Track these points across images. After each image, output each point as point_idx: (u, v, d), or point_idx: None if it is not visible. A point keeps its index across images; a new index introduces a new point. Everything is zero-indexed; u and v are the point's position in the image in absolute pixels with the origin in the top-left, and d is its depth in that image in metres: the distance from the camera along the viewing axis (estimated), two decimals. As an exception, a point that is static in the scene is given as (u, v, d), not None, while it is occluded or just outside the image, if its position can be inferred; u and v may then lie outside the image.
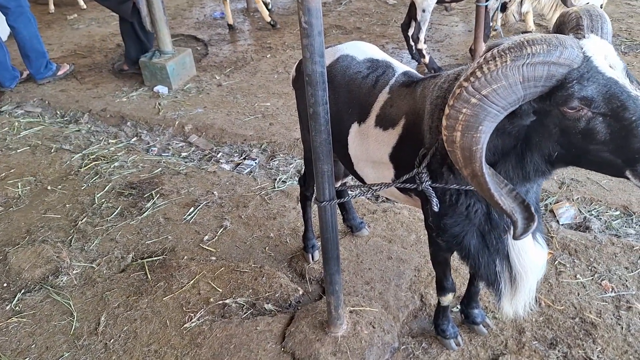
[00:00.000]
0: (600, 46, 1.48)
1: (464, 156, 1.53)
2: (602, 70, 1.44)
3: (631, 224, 3.35)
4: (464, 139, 1.49)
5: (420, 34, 5.37)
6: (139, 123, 5.13)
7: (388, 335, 2.69)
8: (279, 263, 3.28)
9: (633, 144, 1.43)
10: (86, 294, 3.17)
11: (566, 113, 1.48)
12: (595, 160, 1.56)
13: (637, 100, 1.42)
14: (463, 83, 1.46)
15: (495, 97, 1.43)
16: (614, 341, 2.59)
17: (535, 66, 1.40)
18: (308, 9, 1.74)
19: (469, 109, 1.45)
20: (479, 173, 1.53)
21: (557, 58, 1.40)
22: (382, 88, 2.29)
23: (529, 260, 2.01)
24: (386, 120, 2.21)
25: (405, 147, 2.12)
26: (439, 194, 1.96)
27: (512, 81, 1.41)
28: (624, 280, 2.92)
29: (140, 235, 3.60)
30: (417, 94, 2.10)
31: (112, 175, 4.30)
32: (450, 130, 1.51)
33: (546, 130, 1.58)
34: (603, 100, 1.44)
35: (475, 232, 2.04)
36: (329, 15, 7.57)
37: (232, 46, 6.82)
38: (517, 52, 1.40)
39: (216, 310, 2.94)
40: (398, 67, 2.38)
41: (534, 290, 2.11)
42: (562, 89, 1.44)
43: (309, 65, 1.87)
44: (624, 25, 6.33)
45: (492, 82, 1.41)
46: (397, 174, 2.21)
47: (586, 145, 1.52)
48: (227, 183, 4.07)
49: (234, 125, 4.92)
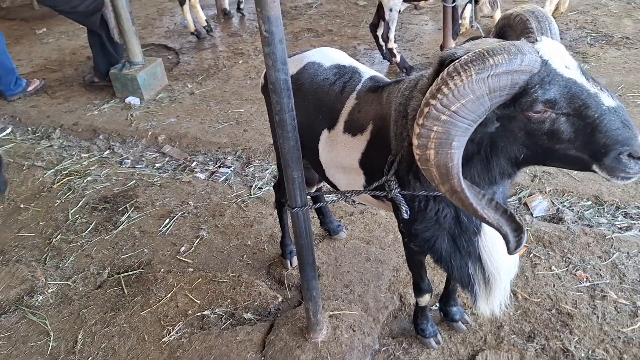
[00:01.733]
0: (554, 48, 1.50)
1: (440, 173, 1.52)
2: (560, 72, 1.47)
3: (603, 213, 3.41)
4: (439, 157, 1.49)
5: (389, 34, 5.40)
6: (112, 135, 5.07)
7: (368, 337, 2.69)
8: (257, 271, 3.26)
9: (599, 139, 1.46)
10: (62, 312, 3.12)
11: (531, 117, 1.50)
12: (562, 159, 1.58)
13: (597, 98, 1.45)
14: (431, 101, 1.44)
15: (465, 112, 1.44)
16: (590, 331, 2.62)
17: (499, 77, 1.41)
18: (268, 17, 1.74)
19: (440, 126, 1.45)
20: (459, 189, 1.53)
21: (519, 66, 1.42)
22: (350, 94, 2.29)
23: (500, 260, 2.03)
24: (354, 126, 2.22)
25: (374, 153, 2.13)
26: (408, 201, 1.97)
27: (480, 94, 1.42)
28: (597, 269, 2.96)
29: (115, 249, 3.56)
30: (383, 99, 2.11)
31: (86, 190, 4.24)
32: (423, 149, 1.50)
33: (511, 135, 1.59)
34: (565, 101, 1.47)
35: (446, 236, 2.05)
36: (300, 18, 7.57)
37: (204, 53, 6.78)
38: (480, 64, 1.40)
39: (195, 323, 2.91)
40: (365, 72, 2.38)
41: (509, 289, 2.14)
42: (525, 95, 1.46)
43: (273, 73, 1.87)
44: (589, 17, 6.43)
45: (460, 98, 1.42)
46: (368, 179, 2.22)
47: (552, 145, 1.54)
48: (203, 192, 4.04)
49: (207, 133, 4.88)
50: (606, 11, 6.55)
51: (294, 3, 8.22)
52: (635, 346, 2.52)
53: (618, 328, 2.62)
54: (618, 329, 2.61)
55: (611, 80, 4.85)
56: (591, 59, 5.32)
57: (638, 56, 5.29)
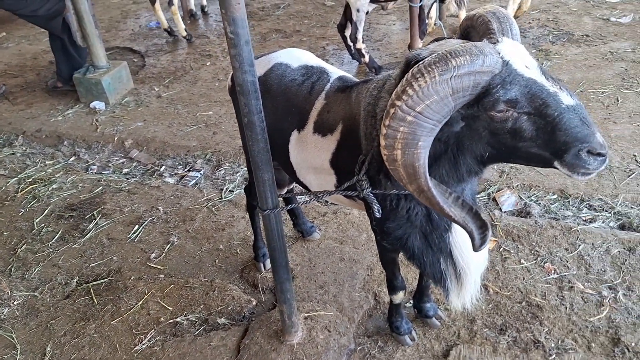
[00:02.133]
0: (515, 48, 1.54)
1: (407, 173, 1.55)
2: (521, 72, 1.50)
3: (568, 206, 3.49)
4: (405, 157, 1.51)
5: (357, 34, 5.42)
6: (77, 141, 4.96)
7: (344, 337, 2.70)
8: (230, 275, 3.23)
9: (559, 137, 1.49)
10: (29, 324, 3.04)
11: (494, 117, 1.53)
12: (525, 156, 1.61)
13: (557, 97, 1.49)
14: (396, 102, 1.46)
15: (430, 112, 1.46)
16: (559, 321, 2.68)
17: (462, 77, 1.44)
18: (233, 19, 1.72)
19: (405, 127, 1.47)
20: (425, 188, 1.55)
21: (480, 67, 1.44)
22: (318, 94, 2.29)
23: (471, 255, 2.06)
24: (324, 127, 2.22)
25: (345, 153, 2.14)
26: (380, 200, 1.98)
27: (443, 95, 1.45)
28: (564, 261, 3.03)
29: (83, 258, 3.48)
30: (352, 99, 2.12)
31: (51, 198, 4.13)
32: (390, 150, 1.52)
33: (476, 134, 1.62)
34: (526, 100, 1.50)
35: (418, 233, 2.08)
36: (267, 19, 7.54)
37: (170, 56, 6.70)
38: (443, 66, 1.42)
39: (167, 330, 2.87)
40: (333, 72, 2.39)
41: (479, 283, 2.18)
42: (488, 95, 1.49)
43: (240, 75, 1.85)
44: (550, 15, 6.58)
45: (425, 99, 1.44)
46: (339, 179, 2.22)
47: (515, 143, 1.57)
48: (172, 197, 3.98)
49: (176, 136, 4.82)
50: (567, 9, 6.72)
51: (261, 4, 8.18)
52: (602, 334, 2.58)
53: (585, 318, 2.68)
54: (585, 318, 2.68)
55: (573, 76, 4.97)
56: (553, 56, 5.45)
57: (598, 53, 5.44)
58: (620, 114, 4.39)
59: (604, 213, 3.39)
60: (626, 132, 4.15)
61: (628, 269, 2.93)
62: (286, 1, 8.23)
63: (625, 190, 3.54)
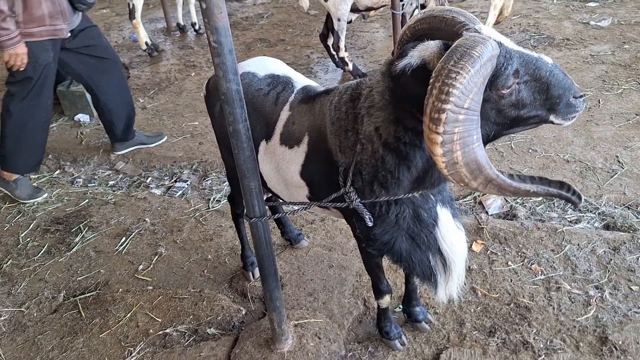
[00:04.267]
0: (492, 31, 1.64)
1: (470, 170, 1.54)
2: (511, 47, 1.62)
3: (553, 207, 3.53)
4: (466, 156, 1.52)
5: (340, 43, 5.45)
6: (62, 155, 4.92)
7: (334, 344, 2.69)
8: (219, 285, 3.22)
9: (553, 92, 1.65)
10: (16, 340, 2.99)
11: (504, 94, 1.62)
12: (525, 122, 1.72)
13: (542, 59, 1.65)
14: (443, 106, 1.45)
15: (474, 105, 1.50)
16: (547, 322, 2.70)
17: (486, 65, 1.50)
18: (216, 28, 1.73)
19: (459, 126, 1.48)
20: (494, 176, 1.57)
21: (492, 51, 1.51)
22: (283, 105, 2.32)
23: (456, 246, 2.13)
24: (290, 138, 2.25)
25: (314, 164, 2.17)
26: (368, 207, 2.00)
27: (480, 85, 1.50)
28: (551, 262, 3.06)
29: (70, 272, 3.44)
30: (316, 110, 2.16)
31: (36, 212, 4.09)
32: (449, 155, 1.51)
33: (484, 116, 1.65)
34: (524, 70, 1.63)
35: (405, 235, 2.10)
36: (251, 29, 7.57)
37: (155, 67, 6.69)
38: (470, 59, 1.45)
39: (157, 342, 2.84)
40: (298, 81, 2.41)
41: (463, 274, 2.22)
42: (499, 75, 1.58)
43: (224, 84, 1.86)
44: (531, 20, 6.69)
45: (469, 93, 1.47)
46: (311, 190, 2.25)
47: (518, 113, 1.68)
48: (159, 208, 3.96)
49: (162, 147, 4.80)
50: (547, 14, 6.83)
51: (245, 14, 8.22)
52: (590, 334, 2.61)
53: (573, 318, 2.71)
54: (573, 318, 2.70)
55: (554, 79, 5.03)
56: (535, 60, 5.51)
57: (578, 56, 5.53)
58: (602, 116, 4.46)
59: (588, 214, 3.44)
60: (608, 134, 4.22)
61: (613, 268, 2.96)
62: (270, 10, 8.28)
63: (608, 191, 3.59)
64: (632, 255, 3.02)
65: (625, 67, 5.21)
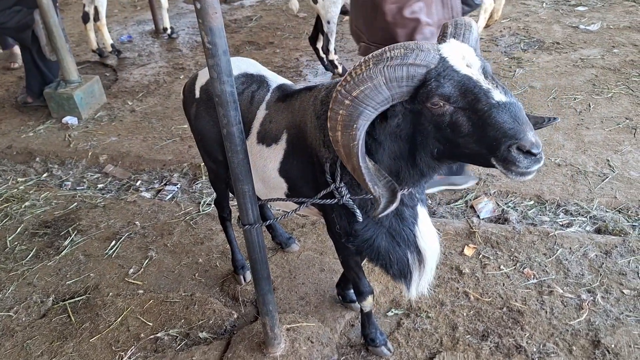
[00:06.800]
0: (458, 48, 1.62)
1: (345, 153, 1.67)
2: (457, 68, 1.58)
3: (545, 211, 3.54)
4: (344, 138, 1.64)
5: (329, 46, 5.45)
6: (49, 158, 4.85)
7: (327, 348, 2.67)
8: (210, 288, 3.19)
9: (488, 132, 1.54)
10: (5, 345, 2.94)
11: (431, 109, 1.61)
12: (467, 153, 1.66)
13: (489, 93, 1.54)
14: (338, 87, 1.62)
15: (364, 98, 1.59)
16: (540, 326, 2.70)
17: (394, 68, 1.56)
18: (210, 29, 1.71)
19: (343, 109, 1.61)
20: (357, 166, 1.66)
21: (414, 60, 1.56)
22: (259, 104, 2.33)
23: (432, 242, 2.15)
24: (268, 137, 2.25)
25: (293, 161, 2.18)
26: (357, 203, 2.00)
27: (377, 82, 1.57)
28: (543, 266, 3.06)
29: (59, 276, 3.39)
30: (295, 108, 2.16)
31: (24, 215, 4.03)
32: (333, 131, 1.67)
33: (424, 129, 1.69)
34: (459, 95, 1.57)
35: (385, 233, 2.11)
36: (240, 32, 7.54)
37: (143, 69, 6.63)
38: (378, 57, 1.57)
39: (148, 346, 2.80)
40: (273, 80, 2.42)
41: (434, 269, 2.23)
42: (423, 87, 1.59)
43: (218, 86, 1.83)
44: (521, 24, 6.73)
45: (360, 84, 1.57)
46: (290, 187, 2.26)
47: (456, 138, 1.63)
48: (149, 211, 3.92)
49: (151, 150, 4.76)
50: (537, 18, 6.88)
51: (234, 16, 8.18)
52: (583, 337, 2.61)
53: (566, 321, 2.71)
54: (566, 322, 2.71)
55: (545, 83, 5.07)
56: (525, 63, 5.56)
57: (568, 60, 5.57)
58: (593, 120, 4.49)
59: (580, 217, 3.45)
60: (599, 137, 4.25)
61: (605, 272, 2.97)
62: (258, 13, 8.25)
63: (600, 195, 3.61)
64: (624, 259, 3.04)
65: (615, 71, 5.26)
